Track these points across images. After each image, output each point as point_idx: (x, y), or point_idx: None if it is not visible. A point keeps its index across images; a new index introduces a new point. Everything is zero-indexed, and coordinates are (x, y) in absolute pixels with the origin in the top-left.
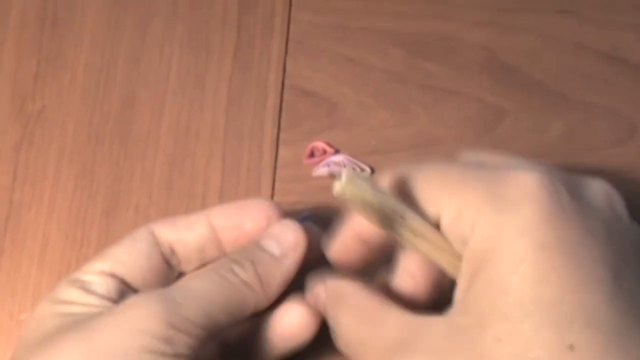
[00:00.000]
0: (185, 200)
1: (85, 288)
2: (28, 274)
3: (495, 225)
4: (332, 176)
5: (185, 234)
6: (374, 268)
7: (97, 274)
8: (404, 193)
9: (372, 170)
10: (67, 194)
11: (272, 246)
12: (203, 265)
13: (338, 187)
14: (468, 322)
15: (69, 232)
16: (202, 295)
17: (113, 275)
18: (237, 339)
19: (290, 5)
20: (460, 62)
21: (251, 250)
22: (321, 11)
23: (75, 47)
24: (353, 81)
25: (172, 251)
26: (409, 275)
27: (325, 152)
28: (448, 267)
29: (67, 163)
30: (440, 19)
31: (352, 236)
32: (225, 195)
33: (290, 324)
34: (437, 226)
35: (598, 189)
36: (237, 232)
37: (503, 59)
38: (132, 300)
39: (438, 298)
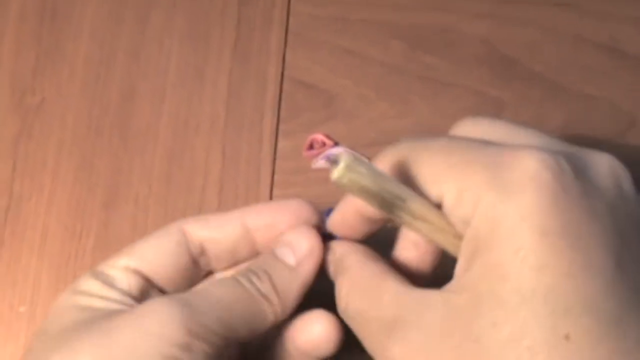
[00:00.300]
0: (185, 193)
1: (108, 282)
2: (28, 266)
3: (497, 209)
4: (331, 162)
5: (217, 233)
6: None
7: (122, 270)
8: (405, 174)
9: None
10: (66, 186)
11: (287, 254)
12: (235, 264)
13: (336, 173)
14: (465, 303)
15: (69, 224)
16: (222, 304)
17: (137, 272)
18: (257, 349)
19: None
20: (460, 54)
21: (267, 260)
22: (321, 3)
23: (75, 39)
24: (353, 73)
25: (202, 250)
26: (412, 244)
27: (324, 144)
28: (449, 248)
29: (66, 155)
30: (440, 11)
31: (352, 211)
32: (225, 188)
33: (312, 336)
34: (438, 206)
35: (605, 166)
36: (272, 232)
37: (503, 51)
38: (151, 304)
39: (440, 270)
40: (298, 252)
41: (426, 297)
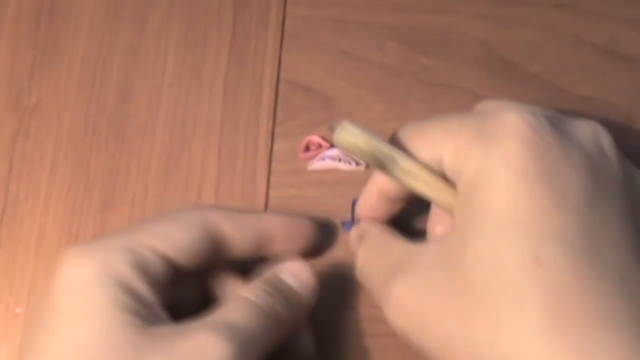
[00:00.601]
0: (181, 193)
1: (142, 269)
2: (24, 267)
3: (484, 157)
4: (334, 128)
5: (240, 233)
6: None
7: (152, 252)
8: (410, 144)
9: (368, 165)
10: (63, 187)
11: (292, 281)
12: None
13: (335, 135)
14: (455, 242)
15: (65, 224)
16: (260, 333)
17: (165, 257)
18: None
19: None
20: (458, 55)
21: (279, 284)
22: (317, 5)
23: (72, 39)
24: (350, 75)
25: (226, 244)
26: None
27: (320, 146)
28: (441, 204)
29: (63, 156)
30: (438, 12)
31: (376, 192)
32: (221, 189)
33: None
34: (439, 167)
35: (584, 126)
36: (285, 245)
37: (501, 52)
38: (196, 334)
39: None
40: (302, 281)
41: (426, 245)
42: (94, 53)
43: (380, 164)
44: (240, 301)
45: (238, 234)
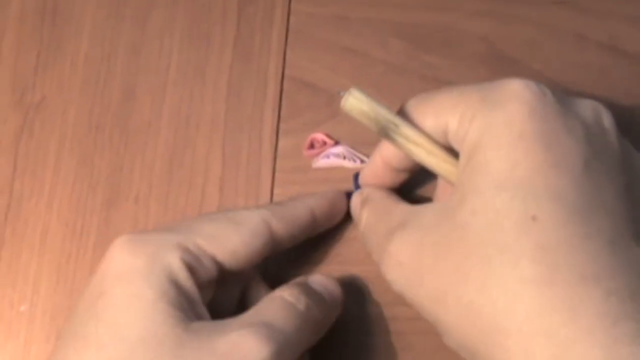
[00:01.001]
0: (186, 190)
1: (192, 267)
2: (28, 264)
3: (486, 120)
4: (339, 95)
5: (292, 228)
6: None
7: (204, 253)
8: (417, 113)
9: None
10: (67, 184)
11: (321, 289)
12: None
13: (343, 100)
14: (454, 201)
15: (69, 221)
16: (296, 334)
17: (216, 260)
18: None
19: None
20: (460, 53)
21: (310, 289)
22: (321, 2)
23: (76, 37)
24: (353, 72)
25: (275, 244)
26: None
27: (325, 143)
28: (442, 173)
29: (67, 153)
30: (440, 9)
31: (380, 162)
32: (225, 186)
33: None
34: (444, 136)
35: (586, 102)
36: (327, 225)
37: (503, 49)
38: (234, 332)
39: None
40: (330, 293)
41: (426, 206)
42: (98, 51)
43: (385, 131)
44: (276, 301)
45: (287, 232)
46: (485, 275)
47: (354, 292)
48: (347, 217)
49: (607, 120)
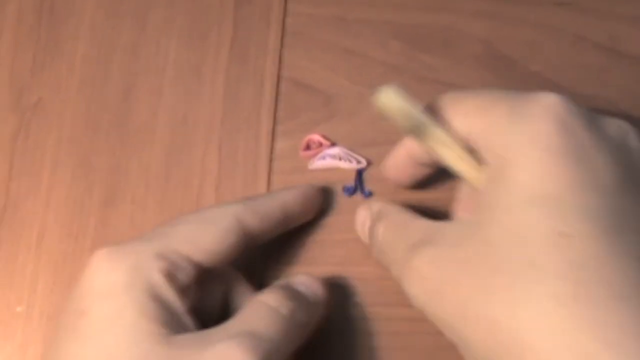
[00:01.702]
0: (182, 191)
1: (172, 276)
2: (25, 265)
3: (515, 134)
4: (374, 91)
5: (265, 224)
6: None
7: (182, 258)
8: (444, 113)
9: (369, 163)
10: (64, 185)
11: (304, 289)
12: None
13: (376, 97)
14: (481, 217)
15: (66, 222)
16: (282, 340)
17: (194, 262)
18: None
19: None
20: (459, 53)
21: (293, 291)
22: (319, 3)
23: (73, 38)
24: (351, 73)
25: (251, 238)
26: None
27: (321, 144)
28: (468, 177)
29: (64, 154)
30: (439, 10)
31: (404, 155)
32: (222, 187)
33: None
34: (467, 138)
35: (613, 121)
36: (303, 219)
37: (502, 50)
38: (220, 344)
39: None
40: (314, 292)
41: (450, 222)
42: (95, 51)
43: (416, 130)
44: (260, 308)
45: (262, 226)
46: (511, 291)
47: (351, 293)
48: (345, 218)
49: (634, 140)
